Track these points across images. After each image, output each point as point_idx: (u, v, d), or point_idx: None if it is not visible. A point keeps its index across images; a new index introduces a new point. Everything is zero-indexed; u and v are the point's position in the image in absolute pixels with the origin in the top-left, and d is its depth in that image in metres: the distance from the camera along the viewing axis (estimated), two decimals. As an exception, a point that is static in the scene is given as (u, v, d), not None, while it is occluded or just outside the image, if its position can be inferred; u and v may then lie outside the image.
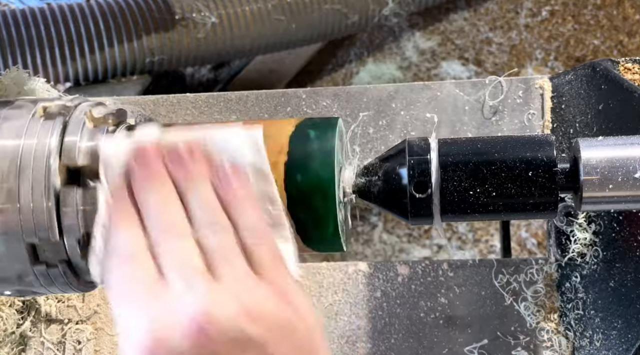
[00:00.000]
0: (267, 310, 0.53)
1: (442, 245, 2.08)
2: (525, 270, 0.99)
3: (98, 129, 0.65)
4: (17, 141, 0.64)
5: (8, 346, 0.97)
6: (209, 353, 0.51)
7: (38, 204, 0.62)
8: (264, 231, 0.58)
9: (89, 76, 1.91)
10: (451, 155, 0.69)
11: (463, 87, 1.05)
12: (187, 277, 0.53)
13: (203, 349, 0.51)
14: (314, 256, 1.78)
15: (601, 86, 0.95)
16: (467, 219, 0.71)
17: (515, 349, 0.97)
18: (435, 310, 1.00)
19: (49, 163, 0.63)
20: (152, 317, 0.52)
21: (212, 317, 0.51)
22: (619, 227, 0.90)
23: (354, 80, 2.34)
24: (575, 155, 0.70)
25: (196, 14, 1.92)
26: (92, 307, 0.98)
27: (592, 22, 2.35)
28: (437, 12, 2.40)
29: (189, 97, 1.09)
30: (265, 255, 0.56)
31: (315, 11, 2.03)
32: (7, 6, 2.02)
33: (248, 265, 0.55)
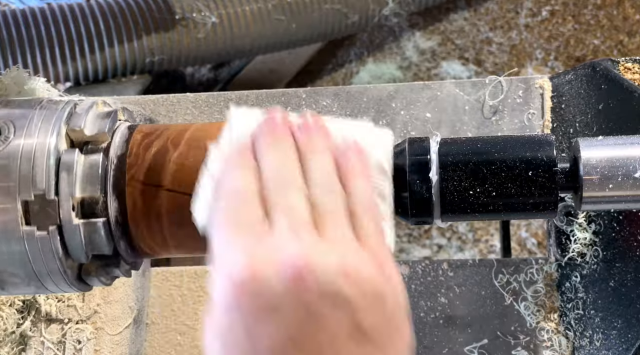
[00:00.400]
0: (365, 275, 0.53)
1: (442, 245, 2.08)
2: (525, 270, 0.99)
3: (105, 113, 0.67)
4: (28, 110, 0.66)
5: (8, 346, 0.97)
6: (300, 300, 0.51)
7: (39, 161, 0.63)
8: (372, 204, 0.59)
9: (89, 76, 1.91)
10: (451, 155, 0.69)
11: (463, 87, 1.05)
12: (295, 226, 0.54)
13: (296, 296, 0.51)
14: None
15: (601, 86, 0.95)
16: (467, 219, 0.71)
17: (515, 348, 0.97)
18: (435, 310, 1.00)
19: (58, 127, 0.64)
20: (253, 254, 0.53)
21: (312, 266, 0.52)
22: (619, 227, 0.90)
23: (354, 80, 2.34)
24: (575, 155, 0.70)
25: (196, 14, 1.92)
26: (92, 307, 0.98)
27: (592, 22, 2.35)
28: (437, 12, 2.40)
29: (189, 96, 1.09)
30: (370, 225, 0.57)
31: (315, 11, 2.03)
32: (7, 6, 2.02)
33: (353, 230, 0.57)
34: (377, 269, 0.55)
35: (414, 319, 1.00)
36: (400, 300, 0.56)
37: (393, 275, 0.56)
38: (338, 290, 0.52)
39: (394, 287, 0.55)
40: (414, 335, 0.56)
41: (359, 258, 0.54)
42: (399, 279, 0.56)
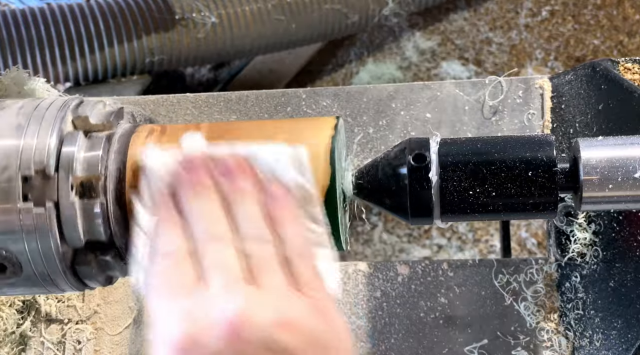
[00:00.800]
0: (303, 323, 0.53)
1: (442, 245, 2.09)
2: (525, 270, 0.99)
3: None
4: (37, 100, 0.68)
5: (8, 346, 0.97)
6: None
7: (42, 138, 0.64)
8: (306, 248, 0.59)
9: (89, 76, 1.91)
10: (451, 155, 0.69)
11: (463, 87, 1.05)
12: (227, 281, 0.54)
13: (235, 351, 0.51)
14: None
15: (601, 86, 0.95)
16: (467, 219, 0.71)
17: (515, 349, 0.97)
18: (435, 310, 1.00)
19: (64, 113, 0.65)
20: (189, 316, 0.53)
21: (249, 321, 0.52)
22: (619, 227, 0.90)
23: (354, 80, 2.34)
24: (575, 155, 0.70)
25: (196, 14, 1.92)
26: (92, 307, 0.98)
27: (592, 22, 2.35)
28: (437, 12, 2.40)
29: (189, 97, 1.09)
30: (306, 271, 0.57)
31: (315, 11, 2.03)
32: (7, 6, 2.02)
33: (288, 278, 0.56)
34: (316, 315, 0.54)
35: (414, 319, 1.00)
36: (344, 342, 0.55)
37: (335, 319, 0.55)
38: (276, 341, 0.52)
39: (336, 331, 0.55)
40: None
41: (295, 306, 0.54)
42: (341, 322, 0.56)
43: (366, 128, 1.05)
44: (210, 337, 0.52)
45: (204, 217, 0.57)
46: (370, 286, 1.01)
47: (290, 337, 0.52)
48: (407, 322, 0.99)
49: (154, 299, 0.56)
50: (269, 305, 0.53)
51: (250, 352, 0.51)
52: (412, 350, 0.99)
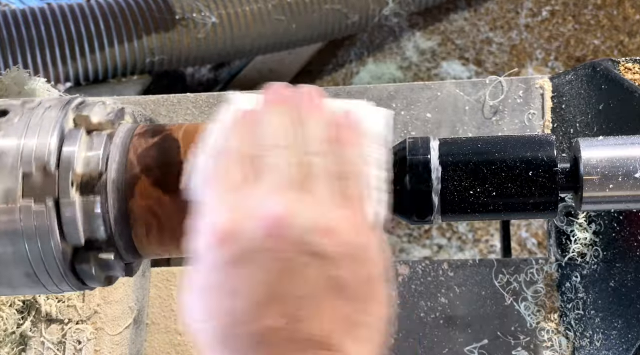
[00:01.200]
0: (343, 233, 0.54)
1: (442, 245, 2.09)
2: (525, 270, 0.99)
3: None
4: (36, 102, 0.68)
5: (8, 346, 0.97)
6: (277, 252, 0.53)
7: (44, 135, 0.64)
8: (360, 171, 0.61)
9: (89, 76, 1.91)
10: (451, 155, 0.69)
11: (463, 87, 1.05)
12: (280, 183, 0.56)
13: (274, 246, 0.53)
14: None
15: (601, 86, 0.95)
16: (467, 218, 0.71)
17: (515, 348, 0.97)
18: (435, 310, 1.00)
19: (66, 111, 0.66)
20: (236, 208, 0.54)
21: (293, 218, 0.53)
22: (619, 227, 0.90)
23: (354, 80, 2.34)
24: (575, 155, 0.70)
25: (196, 14, 1.92)
26: (92, 307, 0.98)
27: (593, 22, 2.35)
28: (437, 12, 2.40)
29: (190, 96, 1.09)
30: (355, 190, 0.58)
31: (315, 11, 2.03)
32: (7, 6, 2.02)
33: (338, 192, 0.58)
34: (357, 229, 0.56)
35: (414, 319, 1.00)
36: (377, 262, 0.57)
37: (374, 237, 0.57)
38: (315, 244, 0.53)
39: (372, 249, 0.56)
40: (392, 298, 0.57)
41: (339, 217, 0.55)
42: (378, 243, 0.57)
43: (366, 128, 1.05)
44: (251, 230, 0.53)
45: (273, 125, 0.59)
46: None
47: (327, 243, 0.53)
48: (407, 322, 0.99)
49: (208, 192, 0.57)
50: (314, 210, 0.54)
51: (286, 251, 0.52)
52: (412, 350, 0.99)
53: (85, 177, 0.65)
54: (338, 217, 0.55)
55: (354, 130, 0.62)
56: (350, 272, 0.54)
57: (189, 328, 0.54)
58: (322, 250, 0.53)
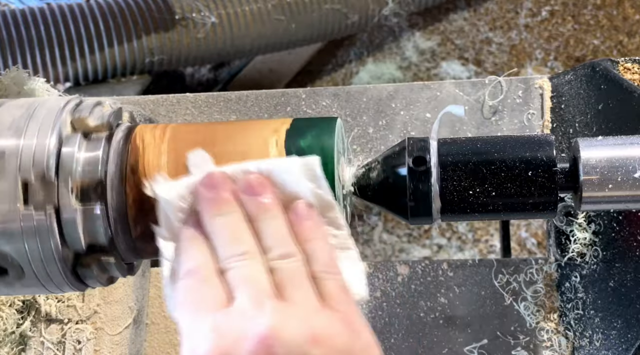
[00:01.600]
0: (333, 336, 0.54)
1: (442, 245, 2.09)
2: (525, 270, 0.99)
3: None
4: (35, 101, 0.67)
5: (8, 346, 0.97)
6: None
7: (41, 141, 0.63)
8: (333, 264, 0.59)
9: (89, 76, 1.91)
10: (451, 155, 0.69)
11: (463, 87, 1.05)
12: (257, 297, 0.54)
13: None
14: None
15: (601, 86, 0.95)
16: (467, 218, 0.71)
17: (515, 348, 0.97)
18: (435, 310, 1.00)
19: (62, 114, 0.65)
20: (218, 331, 0.53)
21: (279, 335, 0.52)
22: (618, 227, 0.90)
23: (354, 80, 2.34)
24: (574, 155, 0.70)
25: (196, 14, 1.92)
26: (92, 307, 0.98)
27: (592, 22, 2.35)
28: (437, 12, 2.40)
29: (189, 97, 1.09)
30: (333, 286, 0.57)
31: (315, 11, 2.03)
32: (7, 6, 2.02)
33: (316, 293, 0.56)
34: (344, 328, 0.54)
35: (414, 319, 1.00)
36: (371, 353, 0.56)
37: (362, 331, 0.56)
38: (306, 354, 0.52)
39: (365, 345, 0.55)
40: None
41: (325, 320, 0.54)
42: (369, 333, 0.56)
43: (366, 128, 1.05)
44: (241, 352, 0.52)
45: (229, 233, 0.57)
46: (370, 286, 1.01)
47: (320, 350, 0.52)
48: (407, 322, 0.99)
49: (180, 316, 0.56)
50: (299, 320, 0.53)
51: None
52: (412, 350, 0.99)
53: (85, 184, 0.64)
54: (322, 321, 0.54)
55: (313, 217, 0.59)
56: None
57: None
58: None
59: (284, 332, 0.52)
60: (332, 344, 0.53)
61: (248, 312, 0.53)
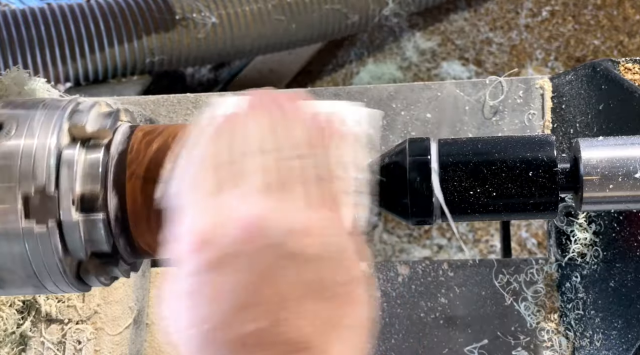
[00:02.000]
0: (323, 234, 0.54)
1: (442, 245, 2.09)
2: (525, 270, 0.99)
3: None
4: (31, 108, 0.67)
5: (8, 346, 0.97)
6: (256, 254, 0.52)
7: (40, 155, 0.63)
8: (340, 174, 0.60)
9: (89, 76, 1.91)
10: (451, 155, 0.69)
11: (463, 87, 1.05)
12: (256, 186, 0.55)
13: (252, 249, 0.52)
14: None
15: (601, 86, 0.95)
16: (467, 219, 0.71)
17: (516, 349, 0.97)
18: (435, 310, 1.00)
19: (60, 123, 0.65)
20: (214, 210, 0.54)
21: (269, 221, 0.53)
22: (619, 227, 0.90)
23: (354, 80, 2.34)
24: (575, 155, 0.70)
25: (196, 14, 1.92)
26: (92, 307, 0.98)
27: (593, 22, 2.35)
28: (437, 12, 2.40)
29: (190, 97, 1.09)
30: (335, 193, 0.58)
31: (315, 11, 2.03)
32: (7, 6, 2.02)
33: (317, 194, 0.57)
34: (335, 231, 0.55)
35: (414, 319, 1.00)
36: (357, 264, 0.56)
37: (351, 239, 0.57)
38: (293, 247, 0.52)
39: (352, 251, 0.56)
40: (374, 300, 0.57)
41: (317, 219, 0.55)
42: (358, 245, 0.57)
43: (366, 128, 1.05)
44: (227, 235, 0.52)
45: (250, 129, 0.59)
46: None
47: (305, 245, 0.53)
48: (407, 322, 0.99)
49: (184, 197, 0.57)
50: (291, 212, 0.54)
51: (264, 254, 0.52)
52: (412, 350, 0.99)
53: (86, 194, 0.64)
54: (315, 218, 0.55)
55: (335, 133, 0.61)
56: (330, 274, 0.53)
57: (170, 337, 0.54)
58: (300, 252, 0.52)
59: (273, 220, 0.53)
60: (325, 239, 0.54)
61: (247, 197, 0.54)
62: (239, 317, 0.51)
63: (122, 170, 0.66)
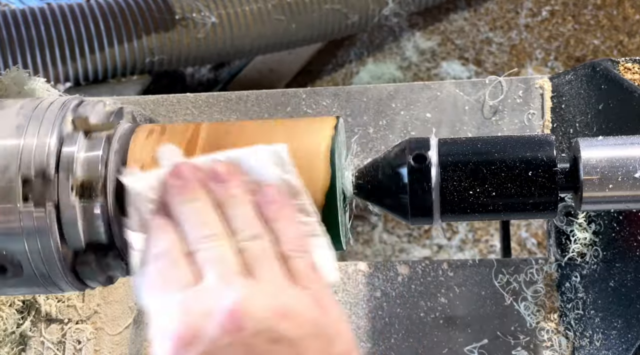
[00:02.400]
0: (303, 313, 0.54)
1: (442, 245, 2.09)
2: (525, 270, 0.99)
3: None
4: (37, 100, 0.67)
5: (8, 346, 0.97)
6: (241, 344, 0.52)
7: (42, 139, 0.64)
8: (301, 242, 0.59)
9: (89, 76, 1.91)
10: (451, 155, 0.69)
11: (463, 87, 1.05)
12: (225, 275, 0.55)
13: (236, 340, 0.52)
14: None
15: (601, 86, 0.95)
16: (467, 219, 0.71)
17: (515, 348, 0.97)
18: (435, 310, 1.00)
19: (64, 114, 0.65)
20: (186, 309, 0.53)
21: (248, 310, 0.52)
22: (619, 227, 0.90)
23: (354, 80, 2.34)
24: (575, 155, 0.70)
25: (196, 14, 1.92)
26: (92, 307, 0.98)
27: (592, 22, 2.35)
28: (437, 12, 2.40)
29: (189, 97, 1.09)
30: (302, 264, 0.58)
31: (315, 11, 2.03)
32: (7, 6, 2.02)
33: (285, 272, 0.57)
34: (313, 304, 0.55)
35: (414, 319, 1.00)
36: (343, 329, 0.56)
37: (332, 307, 0.56)
38: (275, 328, 0.52)
39: (335, 322, 0.56)
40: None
41: (293, 296, 0.55)
42: (339, 312, 0.57)
43: (366, 128, 1.05)
44: (210, 327, 0.52)
45: (197, 217, 0.58)
46: (370, 286, 1.01)
47: (290, 327, 0.53)
48: (407, 322, 0.99)
49: (149, 297, 0.56)
50: (268, 295, 0.54)
51: (250, 340, 0.52)
52: (412, 350, 0.99)
53: (85, 181, 0.65)
54: (291, 297, 0.54)
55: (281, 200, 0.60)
56: (314, 348, 0.53)
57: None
58: (283, 335, 0.52)
59: (252, 307, 0.52)
60: (301, 319, 0.53)
61: (216, 289, 0.54)
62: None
63: (122, 162, 0.66)
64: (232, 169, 0.61)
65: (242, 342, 0.51)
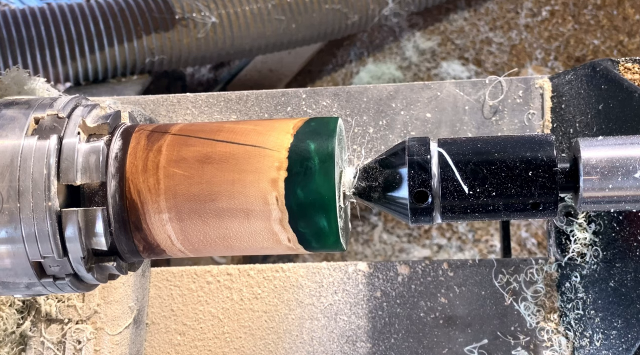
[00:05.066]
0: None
1: (442, 245, 2.08)
2: (525, 270, 0.99)
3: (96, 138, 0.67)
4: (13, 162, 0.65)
5: (8, 346, 0.97)
6: None
7: (40, 226, 0.63)
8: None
9: (89, 76, 1.91)
10: (451, 155, 0.69)
11: (463, 87, 1.05)
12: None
13: None
14: (314, 256, 1.78)
15: (601, 86, 0.95)
16: (467, 219, 0.71)
17: (515, 348, 0.97)
18: (435, 310, 1.00)
19: (48, 185, 0.64)
20: None
21: None
22: (619, 227, 0.90)
23: (354, 80, 2.34)
24: (575, 155, 0.70)
25: (196, 14, 1.92)
26: (92, 307, 0.98)
27: (592, 22, 2.35)
28: (437, 12, 2.40)
29: (189, 96, 1.09)
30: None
31: (315, 11, 2.03)
32: (7, 6, 2.02)
33: None
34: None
35: (414, 319, 1.00)
36: None
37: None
38: None
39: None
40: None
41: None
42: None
43: (366, 128, 1.05)
44: None
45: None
46: (370, 286, 1.01)
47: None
48: (407, 322, 0.99)
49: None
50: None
51: None
52: (412, 350, 0.99)
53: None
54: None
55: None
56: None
57: None
58: None
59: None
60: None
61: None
62: None
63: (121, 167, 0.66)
64: None
65: None
